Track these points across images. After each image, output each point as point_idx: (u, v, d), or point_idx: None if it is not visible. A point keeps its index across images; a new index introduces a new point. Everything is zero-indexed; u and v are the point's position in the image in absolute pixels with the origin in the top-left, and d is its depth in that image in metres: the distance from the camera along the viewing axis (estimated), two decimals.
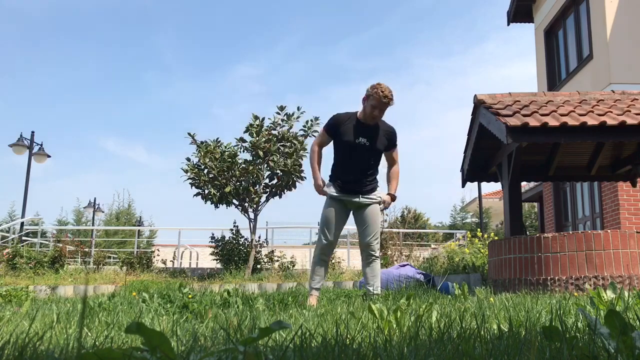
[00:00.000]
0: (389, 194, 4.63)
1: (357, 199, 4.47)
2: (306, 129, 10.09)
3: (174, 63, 51.50)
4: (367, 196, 4.51)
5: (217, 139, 10.14)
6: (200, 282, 8.68)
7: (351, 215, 4.65)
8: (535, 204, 17.12)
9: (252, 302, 3.51)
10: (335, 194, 4.45)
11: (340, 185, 4.45)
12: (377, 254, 4.56)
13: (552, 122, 5.21)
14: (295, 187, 10.06)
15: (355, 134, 4.39)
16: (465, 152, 6.90)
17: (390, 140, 4.53)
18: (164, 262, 11.95)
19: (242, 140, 10.01)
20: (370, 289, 4.47)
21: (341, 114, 4.52)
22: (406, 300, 2.14)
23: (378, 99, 4.29)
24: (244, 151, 10.01)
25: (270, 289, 7.61)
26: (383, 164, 4.73)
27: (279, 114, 10.05)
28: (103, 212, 24.94)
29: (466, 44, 54.89)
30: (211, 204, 9.90)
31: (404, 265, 6.90)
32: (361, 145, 4.39)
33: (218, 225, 15.88)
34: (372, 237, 4.54)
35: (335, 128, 4.47)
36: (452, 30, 55.37)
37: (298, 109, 10.12)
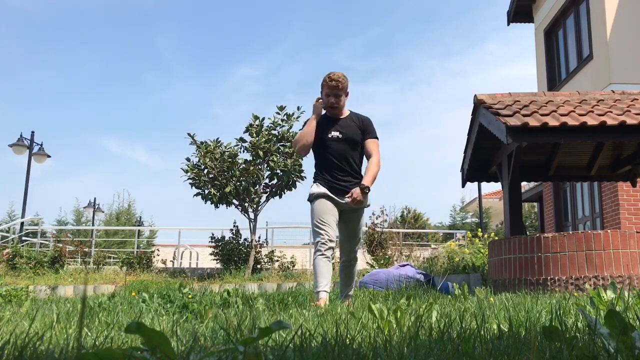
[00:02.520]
0: (360, 185, 4.18)
1: (341, 200, 4.18)
2: None
3: (174, 63, 51.48)
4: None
5: (217, 139, 10.15)
6: (200, 282, 8.68)
7: None
8: (535, 204, 17.14)
9: (252, 302, 3.51)
10: (323, 191, 4.18)
11: (326, 184, 4.21)
12: (358, 259, 4.46)
13: (552, 122, 5.21)
14: (295, 187, 10.06)
15: (327, 129, 4.26)
16: (465, 152, 6.90)
17: (364, 129, 4.32)
18: (164, 262, 11.95)
19: (242, 140, 10.02)
20: (346, 290, 4.37)
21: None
22: (406, 300, 2.14)
23: (327, 85, 4.20)
24: (244, 151, 10.02)
25: (270, 289, 7.61)
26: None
27: (279, 114, 10.06)
28: (103, 212, 24.96)
29: (466, 45, 54.90)
30: (211, 204, 9.90)
31: (404, 265, 6.90)
32: (334, 139, 4.23)
33: (218, 225, 15.90)
34: (356, 242, 4.35)
35: None
36: (452, 31, 55.38)
37: (298, 108, 10.14)
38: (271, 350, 1.18)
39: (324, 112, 4.38)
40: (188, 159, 10.03)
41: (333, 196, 4.17)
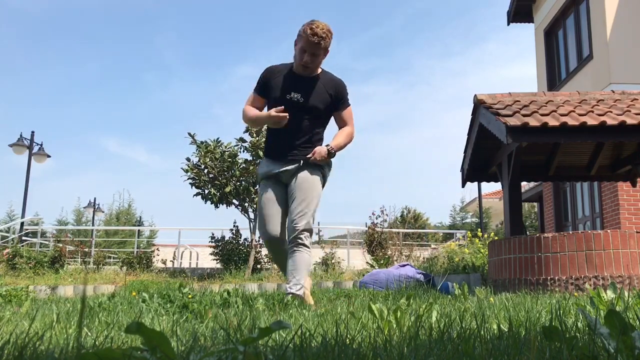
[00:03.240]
0: (326, 145, 3.58)
1: (290, 167, 3.52)
2: None
3: (174, 63, 51.52)
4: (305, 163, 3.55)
5: (218, 138, 10.15)
6: (200, 282, 8.68)
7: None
8: (535, 204, 17.13)
9: (252, 302, 3.50)
10: (265, 170, 3.60)
11: (272, 156, 3.61)
12: (306, 240, 3.44)
13: (552, 122, 5.21)
14: None
15: (286, 89, 3.50)
16: (465, 152, 6.90)
17: (336, 97, 3.57)
18: (164, 262, 11.95)
19: (242, 140, 10.01)
20: (287, 287, 3.42)
21: (274, 66, 3.63)
22: (406, 300, 2.14)
23: (306, 39, 3.38)
24: (244, 151, 10.01)
25: (270, 289, 7.60)
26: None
27: None
28: (103, 212, 24.97)
29: (466, 45, 54.96)
30: (211, 204, 9.90)
31: (404, 265, 6.90)
32: (293, 102, 3.47)
33: (218, 225, 15.90)
34: (299, 214, 3.44)
35: (266, 84, 3.59)
36: (452, 31, 55.45)
37: None
38: (271, 350, 1.18)
39: (288, 67, 3.59)
40: (188, 159, 10.03)
41: (278, 170, 3.55)
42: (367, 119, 48.55)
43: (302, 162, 3.55)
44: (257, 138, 9.77)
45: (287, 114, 3.40)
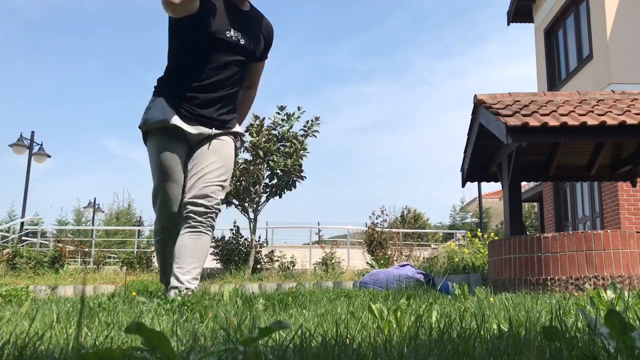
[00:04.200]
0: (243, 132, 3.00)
1: (203, 130, 2.74)
2: (306, 129, 10.10)
3: None
4: (223, 130, 2.79)
5: None
6: (201, 282, 8.68)
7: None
8: (535, 204, 17.13)
9: (252, 302, 3.50)
10: (162, 118, 2.66)
11: (183, 107, 2.68)
12: (212, 218, 2.68)
13: (552, 122, 5.21)
14: (295, 187, 10.06)
15: (225, 23, 2.70)
16: (465, 152, 6.90)
17: (267, 44, 2.92)
18: None
19: None
20: (174, 280, 2.64)
21: None
22: (406, 300, 2.14)
23: None
24: (244, 151, 10.01)
25: (270, 289, 7.60)
26: None
27: (279, 114, 10.06)
28: (103, 212, 24.97)
29: (466, 45, 55.00)
30: None
31: (404, 265, 6.90)
32: (231, 42, 2.70)
33: (218, 225, 15.92)
34: (216, 183, 2.66)
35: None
36: (452, 31, 55.49)
37: (298, 109, 10.13)
38: (271, 350, 1.18)
39: None
40: None
41: (182, 127, 2.68)
42: (367, 119, 48.58)
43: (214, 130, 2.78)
44: (257, 138, 9.78)
45: None
